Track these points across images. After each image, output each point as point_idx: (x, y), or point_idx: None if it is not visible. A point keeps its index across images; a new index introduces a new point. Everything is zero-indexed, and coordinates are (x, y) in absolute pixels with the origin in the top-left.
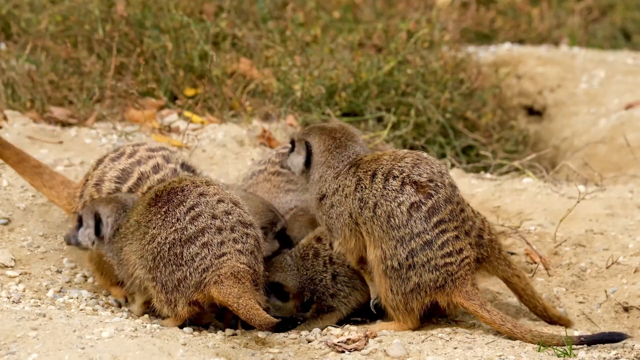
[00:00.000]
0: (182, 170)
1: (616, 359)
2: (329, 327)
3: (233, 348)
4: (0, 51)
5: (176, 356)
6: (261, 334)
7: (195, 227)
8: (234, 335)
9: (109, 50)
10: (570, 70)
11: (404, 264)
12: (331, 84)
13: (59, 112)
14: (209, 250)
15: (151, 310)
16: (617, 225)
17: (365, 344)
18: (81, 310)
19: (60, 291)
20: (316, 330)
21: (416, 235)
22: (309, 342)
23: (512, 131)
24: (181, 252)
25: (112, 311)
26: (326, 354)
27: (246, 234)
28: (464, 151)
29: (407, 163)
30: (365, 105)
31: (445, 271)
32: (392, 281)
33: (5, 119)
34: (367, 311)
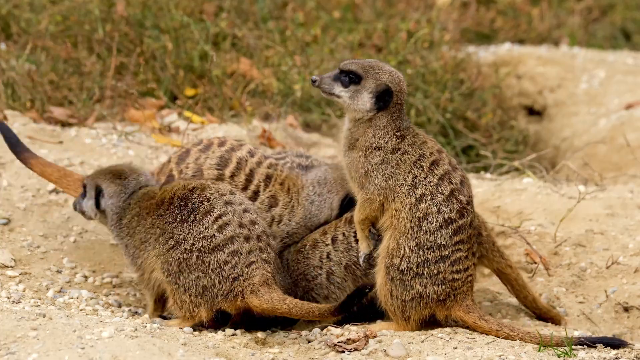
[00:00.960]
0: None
1: (616, 359)
2: (329, 327)
3: (233, 348)
4: (0, 51)
5: (176, 356)
6: (261, 334)
7: (224, 235)
8: (234, 335)
9: (109, 50)
10: (570, 70)
11: (412, 269)
12: None
13: (59, 112)
14: (238, 258)
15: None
16: (617, 225)
17: (366, 344)
18: (81, 310)
19: (60, 291)
20: (316, 330)
21: (437, 247)
22: (309, 342)
23: (512, 131)
24: (209, 260)
25: (112, 311)
26: (326, 354)
27: (268, 244)
28: (464, 151)
29: (457, 177)
30: None
31: (451, 286)
32: (393, 285)
33: (5, 119)
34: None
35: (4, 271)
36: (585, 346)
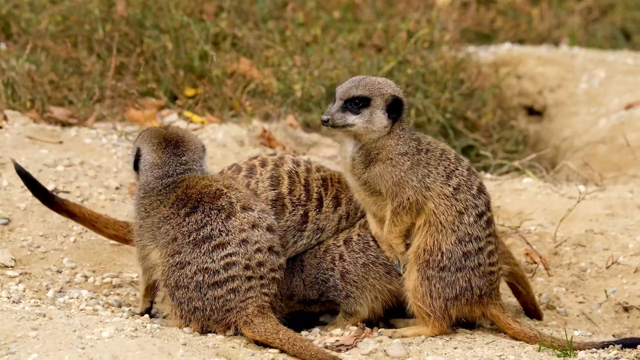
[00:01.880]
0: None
1: (616, 358)
2: (328, 327)
3: (233, 348)
4: (0, 51)
5: (176, 356)
6: None
7: (227, 273)
8: (234, 335)
9: (109, 50)
10: (570, 70)
11: (454, 263)
12: (331, 84)
13: (59, 112)
14: (234, 295)
15: (151, 312)
16: (617, 225)
17: (354, 346)
18: (81, 310)
19: (60, 291)
20: (316, 330)
21: (474, 239)
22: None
23: (512, 131)
24: (206, 292)
25: (112, 311)
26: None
27: (273, 278)
28: (464, 151)
29: (470, 170)
30: None
31: (489, 280)
32: (432, 284)
33: (5, 119)
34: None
35: (4, 271)
36: (617, 348)
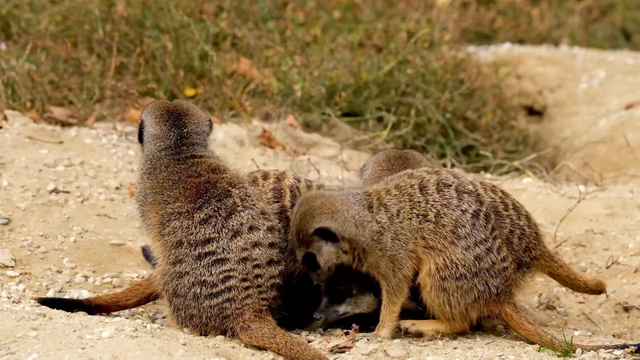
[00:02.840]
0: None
1: (616, 359)
2: (329, 328)
3: (233, 348)
4: (0, 51)
5: (176, 356)
6: None
7: (225, 285)
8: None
9: (109, 50)
10: (570, 70)
11: (471, 270)
12: (331, 84)
13: (59, 112)
14: (231, 303)
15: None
16: (617, 225)
17: (351, 347)
18: None
19: (60, 291)
20: (317, 330)
21: (479, 242)
22: (309, 342)
23: (512, 131)
24: (202, 301)
25: None
26: (327, 353)
27: (272, 284)
28: (464, 151)
29: (434, 178)
30: (365, 105)
31: (504, 276)
32: (450, 295)
33: (5, 119)
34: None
35: (4, 271)
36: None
